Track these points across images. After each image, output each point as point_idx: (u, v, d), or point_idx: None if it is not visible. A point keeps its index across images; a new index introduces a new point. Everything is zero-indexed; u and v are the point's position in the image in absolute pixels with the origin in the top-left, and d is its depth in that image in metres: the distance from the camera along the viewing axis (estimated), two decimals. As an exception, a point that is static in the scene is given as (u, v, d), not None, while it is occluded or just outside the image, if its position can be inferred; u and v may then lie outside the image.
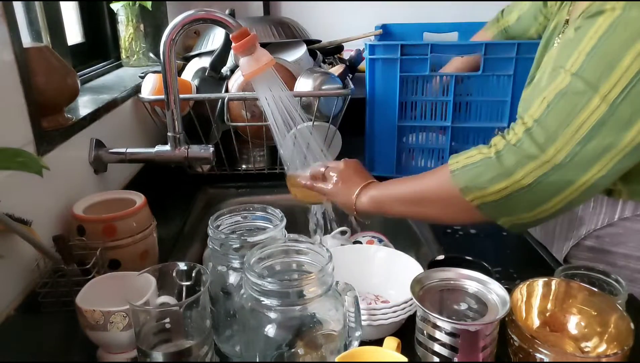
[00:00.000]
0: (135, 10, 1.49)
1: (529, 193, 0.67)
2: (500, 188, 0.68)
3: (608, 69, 0.62)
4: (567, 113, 0.65)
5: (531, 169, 0.66)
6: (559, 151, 0.65)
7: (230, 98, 1.20)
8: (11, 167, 0.57)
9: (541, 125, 0.66)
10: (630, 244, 0.78)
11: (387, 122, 1.26)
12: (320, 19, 1.83)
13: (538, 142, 0.66)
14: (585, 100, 0.63)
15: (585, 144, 0.64)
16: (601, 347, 0.58)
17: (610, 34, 0.62)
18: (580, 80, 0.64)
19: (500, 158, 0.68)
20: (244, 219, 0.71)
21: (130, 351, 0.64)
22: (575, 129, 0.64)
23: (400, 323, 0.67)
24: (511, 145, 0.68)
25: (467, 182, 0.70)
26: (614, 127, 0.63)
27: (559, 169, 0.65)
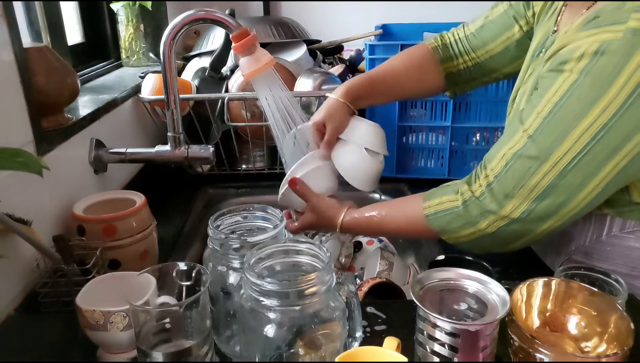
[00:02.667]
0: (135, 10, 1.49)
1: (495, 238, 0.75)
2: (469, 233, 0.76)
3: (560, 137, 0.66)
4: (521, 175, 0.70)
5: (492, 221, 0.73)
6: (516, 208, 0.71)
7: (230, 98, 1.20)
8: (11, 167, 0.57)
9: (500, 182, 0.72)
10: (617, 261, 0.78)
11: (387, 122, 1.26)
12: (320, 19, 1.83)
13: (497, 198, 0.72)
14: (537, 165, 0.68)
15: (540, 203, 0.70)
16: (601, 347, 0.58)
17: (565, 102, 0.66)
18: (534, 144, 0.69)
19: (466, 208, 0.75)
20: (244, 220, 0.71)
21: (130, 351, 0.64)
22: (529, 190, 0.70)
23: None
24: (475, 198, 0.74)
25: (441, 227, 0.78)
26: (565, 190, 0.68)
27: (517, 222, 0.72)
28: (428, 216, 0.79)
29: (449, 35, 1.03)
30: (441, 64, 1.00)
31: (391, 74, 1.00)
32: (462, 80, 1.03)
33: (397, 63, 1.01)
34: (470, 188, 0.75)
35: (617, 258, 0.78)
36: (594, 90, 0.64)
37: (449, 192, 0.78)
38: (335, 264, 1.11)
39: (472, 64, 1.00)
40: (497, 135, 1.27)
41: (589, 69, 0.64)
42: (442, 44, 1.02)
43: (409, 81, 1.01)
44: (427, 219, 0.79)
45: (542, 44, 0.82)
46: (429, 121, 1.26)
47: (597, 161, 0.66)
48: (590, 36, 0.65)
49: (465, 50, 0.99)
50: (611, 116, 0.63)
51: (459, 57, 1.00)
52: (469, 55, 0.99)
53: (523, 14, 0.91)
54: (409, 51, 1.03)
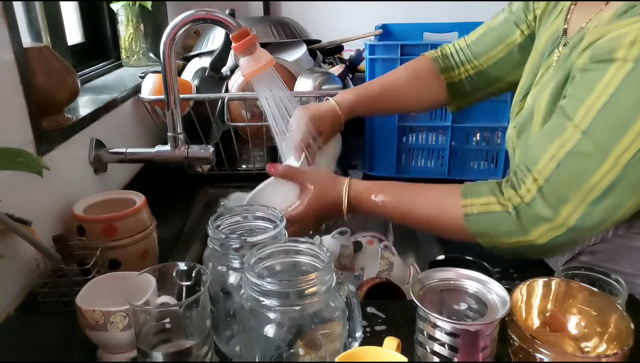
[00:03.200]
0: (135, 10, 1.49)
1: (539, 249, 0.69)
2: (515, 241, 0.70)
3: (620, 130, 0.61)
4: (577, 174, 0.64)
5: (545, 230, 0.67)
6: (572, 213, 0.65)
7: (230, 98, 1.20)
8: (11, 167, 0.57)
9: (552, 184, 0.66)
10: (623, 261, 0.78)
11: (387, 122, 1.26)
12: (320, 19, 1.83)
13: (551, 203, 0.66)
14: (597, 163, 0.63)
15: (597, 205, 0.64)
16: (601, 347, 0.58)
17: (622, 92, 0.61)
18: (590, 141, 0.63)
19: (517, 214, 0.69)
20: (244, 219, 0.71)
21: (130, 351, 0.64)
22: (587, 192, 0.64)
23: None
24: (525, 204, 0.68)
25: (481, 229, 0.72)
26: (624, 188, 0.63)
27: (571, 232, 0.66)
28: (468, 216, 0.72)
29: (449, 46, 1.02)
30: (442, 73, 0.99)
31: (391, 90, 0.98)
32: (465, 91, 1.00)
33: (397, 77, 1.00)
34: (517, 193, 0.69)
35: (622, 258, 0.78)
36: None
37: (495, 192, 0.71)
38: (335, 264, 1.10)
39: (474, 73, 0.98)
40: (497, 135, 1.27)
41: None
42: (442, 54, 1.01)
43: (409, 96, 1.00)
44: (466, 218, 0.72)
45: (552, 42, 0.81)
46: (428, 121, 1.26)
47: None
48: (634, 23, 0.61)
49: (467, 58, 0.98)
50: None
51: (460, 67, 0.99)
52: (470, 63, 0.98)
53: (524, 19, 0.91)
54: (408, 63, 1.02)
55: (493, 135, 1.27)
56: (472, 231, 0.72)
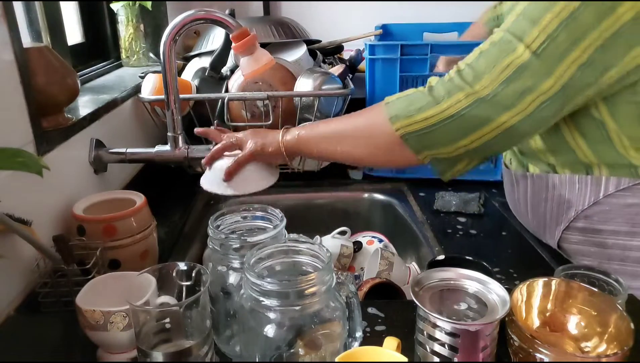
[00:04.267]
0: (135, 10, 1.49)
1: (450, 126, 0.73)
2: (427, 117, 0.74)
3: (532, 25, 0.69)
4: (495, 57, 0.72)
5: (457, 99, 0.73)
6: (485, 87, 0.71)
7: (230, 98, 1.20)
8: (11, 167, 0.57)
9: (471, 66, 0.73)
10: (617, 219, 0.81)
11: (387, 122, 1.26)
12: (320, 19, 1.83)
13: (467, 79, 0.73)
14: (512, 47, 0.71)
15: (508, 84, 0.70)
16: (601, 347, 0.58)
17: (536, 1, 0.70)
18: (509, 33, 0.72)
19: (431, 90, 0.75)
20: (244, 219, 0.71)
21: (130, 351, 0.64)
22: (500, 70, 0.71)
23: None
24: (443, 81, 0.75)
25: (397, 110, 0.76)
26: (534, 73, 0.70)
27: (481, 103, 0.72)
28: (387, 103, 0.78)
29: None
30: None
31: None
32: None
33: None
34: (439, 78, 0.76)
35: (616, 217, 0.81)
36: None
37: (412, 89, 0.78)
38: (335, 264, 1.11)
39: None
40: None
41: None
42: None
43: None
44: (386, 106, 0.78)
45: None
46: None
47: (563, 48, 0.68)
48: None
49: None
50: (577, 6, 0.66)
51: None
52: None
53: None
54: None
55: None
56: (389, 115, 0.76)
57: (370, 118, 0.80)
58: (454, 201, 1.12)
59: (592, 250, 0.84)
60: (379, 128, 0.78)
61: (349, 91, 1.22)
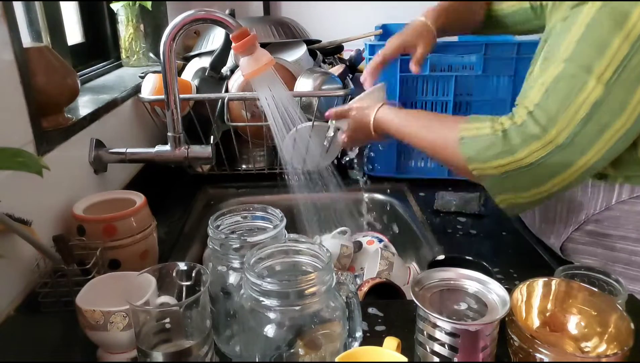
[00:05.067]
0: (135, 10, 1.49)
1: (529, 173, 0.71)
2: (503, 164, 0.72)
3: (599, 52, 0.66)
4: (565, 95, 0.68)
5: (534, 149, 0.70)
6: (561, 131, 0.68)
7: (230, 98, 1.20)
8: (11, 167, 0.57)
9: (542, 108, 0.70)
10: (628, 226, 0.81)
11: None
12: (320, 19, 1.82)
13: (541, 123, 0.69)
14: (582, 82, 0.67)
15: (585, 125, 0.68)
16: (601, 347, 0.58)
17: (596, 21, 0.66)
18: (573, 64, 0.68)
19: (506, 136, 0.72)
20: (244, 219, 0.71)
21: (130, 351, 0.64)
22: (575, 110, 0.68)
23: None
24: (517, 125, 0.72)
25: (472, 152, 0.74)
26: (609, 107, 0.67)
27: (560, 150, 0.69)
28: (463, 139, 0.75)
29: None
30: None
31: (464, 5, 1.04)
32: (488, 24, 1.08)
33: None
34: (511, 119, 0.73)
35: (627, 223, 0.81)
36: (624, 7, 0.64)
37: (492, 119, 0.75)
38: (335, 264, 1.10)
39: None
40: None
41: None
42: None
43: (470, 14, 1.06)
44: (461, 141, 0.75)
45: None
46: (429, 121, 1.26)
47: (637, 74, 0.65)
48: None
49: None
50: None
51: None
52: None
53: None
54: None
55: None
56: (463, 154, 0.75)
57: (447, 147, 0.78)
58: (454, 201, 1.12)
59: (598, 251, 0.84)
60: (457, 161, 0.77)
61: (349, 91, 1.22)
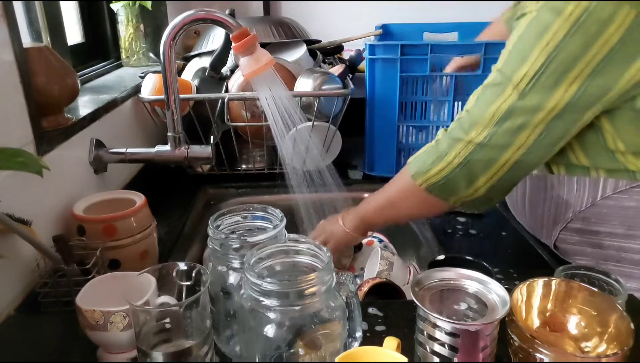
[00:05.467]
0: (135, 10, 1.49)
1: (462, 172, 0.78)
2: (439, 169, 0.79)
3: (520, 62, 0.71)
4: (487, 102, 0.75)
5: (459, 150, 0.77)
6: (480, 133, 0.76)
7: (230, 98, 1.20)
8: (11, 167, 0.57)
9: (468, 113, 0.78)
10: (613, 221, 0.81)
11: (387, 122, 1.26)
12: (320, 19, 1.82)
13: (464, 127, 0.77)
14: (502, 89, 0.74)
15: (501, 125, 0.74)
16: (601, 347, 0.58)
17: (524, 33, 0.72)
18: (500, 74, 0.75)
19: (437, 144, 0.81)
20: (244, 219, 0.71)
21: (130, 351, 0.64)
22: (491, 115, 0.74)
23: None
24: (445, 132, 0.81)
25: (416, 168, 0.82)
26: (523, 111, 0.72)
27: (481, 149, 0.76)
28: (409, 163, 0.84)
29: None
30: None
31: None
32: None
33: None
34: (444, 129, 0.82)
35: (613, 219, 0.81)
36: (548, 18, 0.69)
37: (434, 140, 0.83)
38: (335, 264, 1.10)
39: None
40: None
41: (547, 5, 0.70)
42: None
43: None
44: (408, 164, 0.84)
45: None
46: (429, 121, 1.26)
47: (551, 81, 0.70)
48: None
49: None
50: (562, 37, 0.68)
51: None
52: None
53: None
54: None
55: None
56: (411, 173, 0.83)
57: (400, 181, 0.87)
58: (454, 201, 1.11)
59: (588, 251, 0.85)
60: (408, 188, 0.84)
61: (349, 91, 1.22)
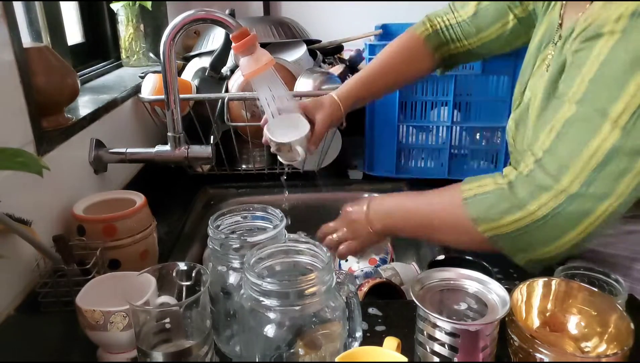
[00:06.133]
0: (135, 10, 1.49)
1: (545, 226, 0.64)
2: (514, 220, 0.65)
3: (614, 93, 0.60)
4: (578, 141, 0.62)
5: (546, 200, 0.63)
6: (574, 180, 0.62)
7: (230, 98, 1.20)
8: (11, 167, 0.57)
9: (552, 154, 0.64)
10: (619, 245, 0.78)
11: (387, 122, 1.26)
12: (320, 19, 1.82)
13: (550, 172, 0.63)
14: (596, 126, 0.61)
15: (601, 171, 0.61)
16: (601, 347, 0.58)
17: (612, 59, 0.61)
18: (587, 106, 0.62)
19: (512, 188, 0.66)
20: (244, 219, 0.71)
21: (130, 351, 0.64)
22: (589, 156, 0.62)
23: None
24: (523, 176, 0.66)
25: (479, 213, 0.68)
26: (627, 152, 0.61)
27: (575, 199, 0.62)
28: (466, 200, 0.69)
29: (439, 20, 1.01)
30: (434, 51, 1.00)
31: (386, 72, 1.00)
32: (454, 62, 1.05)
33: (391, 59, 1.01)
34: (517, 169, 0.67)
35: (618, 242, 0.78)
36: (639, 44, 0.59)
37: (493, 175, 0.70)
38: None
39: (464, 50, 1.00)
40: (497, 135, 1.27)
41: (632, 25, 0.59)
42: (434, 30, 1.01)
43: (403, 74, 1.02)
44: (465, 202, 0.69)
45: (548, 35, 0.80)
46: (429, 121, 1.26)
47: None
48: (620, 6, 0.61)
49: (458, 37, 0.99)
50: None
51: (450, 44, 1.00)
52: (461, 42, 0.99)
53: (518, 4, 0.92)
54: (399, 42, 1.02)
55: (493, 135, 1.27)
56: (471, 216, 0.68)
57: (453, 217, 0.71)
58: (454, 201, 1.11)
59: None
60: (464, 227, 0.69)
61: (349, 91, 1.21)
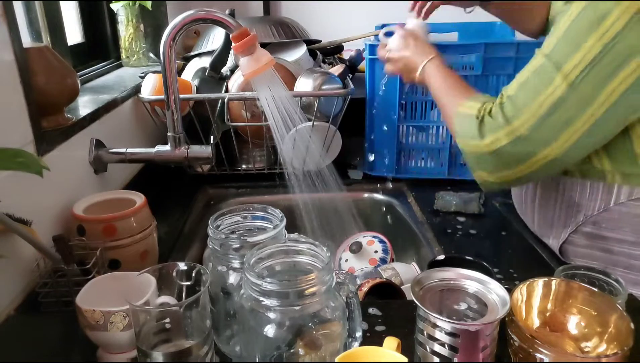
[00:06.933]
0: (135, 10, 1.49)
1: (494, 158, 0.78)
2: (474, 145, 0.80)
3: (573, 50, 0.69)
4: (534, 90, 0.72)
5: (498, 137, 0.76)
6: (524, 123, 0.73)
7: (230, 98, 1.20)
8: (11, 167, 0.57)
9: (512, 100, 0.75)
10: (625, 229, 0.81)
11: (387, 122, 1.26)
12: (320, 19, 1.83)
13: (507, 114, 0.75)
14: (550, 78, 0.71)
15: (546, 119, 0.71)
16: (601, 347, 0.58)
17: (580, 17, 0.69)
18: (548, 60, 0.71)
19: (482, 121, 0.79)
20: (244, 219, 0.71)
21: (130, 351, 0.64)
22: (539, 104, 0.72)
23: None
24: (487, 114, 0.78)
25: (458, 128, 0.83)
26: (573, 104, 0.69)
27: (522, 141, 0.74)
28: (457, 114, 0.83)
29: None
30: None
31: None
32: None
33: None
34: (490, 105, 0.79)
35: (624, 226, 0.80)
36: (607, 4, 0.66)
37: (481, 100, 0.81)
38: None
39: None
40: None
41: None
42: None
43: None
44: (455, 115, 0.83)
45: None
46: (429, 121, 1.26)
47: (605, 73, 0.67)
48: None
49: None
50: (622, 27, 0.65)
51: None
52: None
53: None
54: None
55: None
56: (454, 126, 0.84)
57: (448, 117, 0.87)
58: (454, 201, 1.12)
59: (597, 254, 0.84)
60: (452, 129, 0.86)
61: (349, 91, 1.22)
